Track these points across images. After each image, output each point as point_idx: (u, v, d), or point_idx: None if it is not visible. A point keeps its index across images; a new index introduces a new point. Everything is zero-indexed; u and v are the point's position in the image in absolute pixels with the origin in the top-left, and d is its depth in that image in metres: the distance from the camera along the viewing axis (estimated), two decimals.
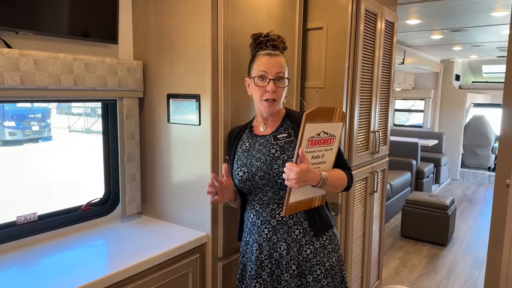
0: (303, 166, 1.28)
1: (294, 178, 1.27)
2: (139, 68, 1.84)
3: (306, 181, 1.31)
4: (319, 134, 1.35)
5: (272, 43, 1.50)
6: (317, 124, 1.32)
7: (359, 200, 2.44)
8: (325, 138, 1.38)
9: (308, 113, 1.27)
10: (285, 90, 1.51)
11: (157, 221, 1.93)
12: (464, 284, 3.42)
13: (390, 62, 2.66)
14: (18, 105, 6.70)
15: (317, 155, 1.38)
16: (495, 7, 3.16)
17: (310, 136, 1.32)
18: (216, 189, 1.42)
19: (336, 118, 1.39)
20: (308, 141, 1.32)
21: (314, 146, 1.35)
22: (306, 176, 1.29)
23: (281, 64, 1.48)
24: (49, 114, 7.41)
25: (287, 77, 1.50)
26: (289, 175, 1.28)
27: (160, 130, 1.87)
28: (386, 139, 2.74)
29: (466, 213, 5.52)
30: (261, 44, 1.50)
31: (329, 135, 1.39)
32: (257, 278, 1.49)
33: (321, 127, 1.34)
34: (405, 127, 8.02)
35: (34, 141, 7.00)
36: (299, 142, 1.29)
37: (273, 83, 1.45)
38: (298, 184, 1.28)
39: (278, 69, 1.46)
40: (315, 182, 1.34)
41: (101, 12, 1.72)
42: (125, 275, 1.43)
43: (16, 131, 6.69)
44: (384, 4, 2.45)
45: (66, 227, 1.75)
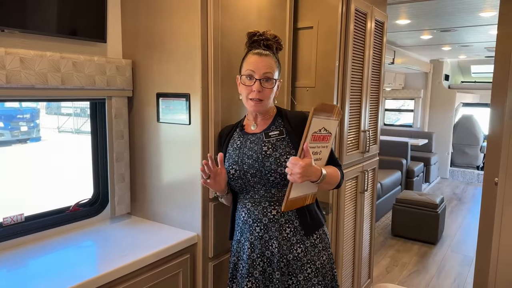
0: (307, 161, 1.28)
1: (298, 172, 1.25)
2: (128, 67, 1.82)
3: (308, 176, 1.30)
4: (320, 130, 1.36)
5: (266, 43, 1.49)
6: (320, 119, 1.33)
7: (349, 199, 2.45)
8: (324, 135, 1.39)
9: (316, 107, 1.28)
10: (273, 91, 1.50)
11: (147, 222, 1.91)
12: (454, 281, 3.45)
13: (380, 62, 2.67)
14: (6, 105, 6.61)
15: (316, 151, 1.38)
16: (483, 7, 3.20)
17: (314, 131, 1.32)
18: (209, 172, 1.42)
19: (335, 115, 1.40)
20: (312, 136, 1.32)
21: (315, 142, 1.36)
22: (309, 171, 1.29)
23: (270, 65, 1.47)
24: (38, 115, 7.31)
25: (276, 78, 1.49)
26: (293, 169, 1.27)
27: (150, 130, 1.85)
28: (376, 139, 2.75)
29: (455, 211, 5.58)
30: (254, 43, 1.50)
31: (327, 132, 1.40)
32: (249, 277, 1.48)
33: (323, 123, 1.35)
34: (395, 126, 8.08)
35: (22, 141, 6.90)
36: (305, 136, 1.29)
37: (259, 83, 1.44)
38: (301, 178, 1.27)
39: (266, 70, 1.45)
40: (316, 177, 1.34)
41: (89, 10, 1.69)
42: (114, 276, 1.41)
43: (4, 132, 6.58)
44: (374, 4, 2.46)
45: (54, 228, 1.72)
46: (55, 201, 1.84)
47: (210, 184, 1.46)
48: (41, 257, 1.52)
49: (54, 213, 1.75)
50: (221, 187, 1.50)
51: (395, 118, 8.62)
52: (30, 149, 7.12)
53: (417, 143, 6.42)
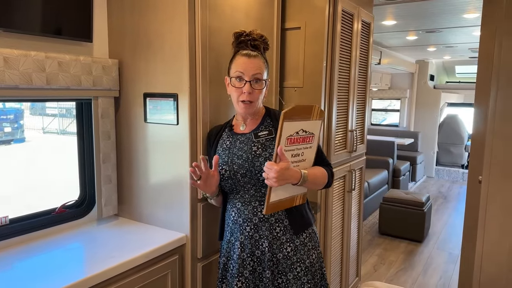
0: (283, 165, 1.29)
1: (274, 177, 1.27)
2: (115, 67, 1.80)
3: (286, 180, 1.32)
4: (297, 133, 1.35)
5: (253, 43, 1.49)
6: (295, 122, 1.32)
7: (337, 198, 2.47)
8: (304, 136, 1.39)
9: (286, 111, 1.27)
10: (263, 92, 1.50)
11: (135, 223, 1.89)
12: (440, 279, 3.51)
13: (366, 62, 2.70)
14: None
15: (297, 153, 1.39)
16: (467, 9, 3.26)
17: (289, 135, 1.32)
18: (201, 173, 1.41)
19: (315, 115, 1.39)
20: (287, 139, 1.32)
21: (293, 144, 1.36)
22: (286, 175, 1.30)
23: (259, 66, 1.47)
24: (22, 115, 7.18)
25: (265, 79, 1.49)
26: (269, 174, 1.28)
27: (137, 130, 1.84)
28: (363, 138, 2.78)
29: (441, 209, 5.66)
30: (242, 43, 1.49)
31: (308, 133, 1.40)
32: (238, 277, 1.49)
33: (299, 125, 1.35)
34: (382, 126, 8.17)
35: (6, 143, 6.76)
36: (278, 141, 1.29)
37: (249, 84, 1.44)
38: (278, 182, 1.29)
39: (255, 71, 1.45)
40: (295, 180, 1.35)
41: (74, 10, 1.67)
42: (101, 278, 1.40)
43: None
44: (361, 4, 2.48)
45: (40, 230, 1.70)
46: (40, 203, 1.82)
47: (200, 186, 1.45)
48: (27, 260, 1.50)
49: (40, 215, 1.72)
50: (212, 189, 1.49)
51: (381, 118, 8.72)
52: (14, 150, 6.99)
53: (403, 143, 6.50)
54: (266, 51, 1.55)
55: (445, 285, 3.39)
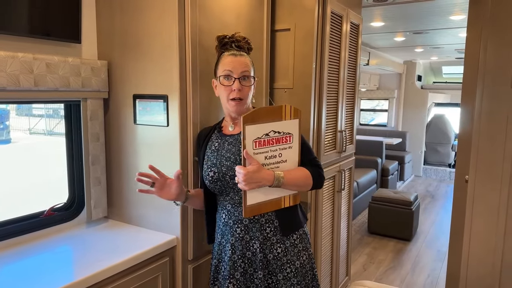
0: (250, 168, 1.29)
1: (242, 180, 1.28)
2: (104, 68, 1.79)
3: (257, 182, 1.32)
4: (267, 134, 1.35)
5: (237, 44, 1.50)
6: (261, 124, 1.32)
7: (327, 198, 2.48)
8: (278, 137, 1.39)
9: (245, 115, 1.28)
10: (252, 89, 1.51)
11: (125, 225, 1.88)
12: (428, 277, 3.56)
13: (355, 63, 2.72)
14: None
15: (273, 155, 1.39)
16: (454, 10, 3.31)
17: (256, 138, 1.32)
18: (154, 181, 1.43)
19: (288, 115, 1.39)
20: (254, 142, 1.32)
21: (264, 146, 1.36)
22: (256, 177, 1.30)
23: (246, 63, 1.48)
24: (8, 116, 7.05)
25: (253, 76, 1.50)
26: (238, 177, 1.29)
27: (127, 132, 1.83)
28: (352, 138, 2.80)
29: (429, 208, 5.74)
30: (226, 45, 1.50)
31: (283, 133, 1.40)
32: (230, 279, 1.49)
33: (268, 127, 1.35)
34: (370, 126, 8.25)
35: None
36: (243, 144, 1.30)
37: (238, 82, 1.45)
38: (247, 186, 1.29)
39: (243, 68, 1.46)
40: (267, 182, 1.34)
41: (63, 11, 1.65)
42: (90, 282, 1.39)
43: None
44: (349, 6, 2.51)
45: (28, 234, 1.68)
46: (28, 206, 1.79)
47: (153, 193, 1.46)
48: (15, 264, 1.48)
49: (28, 218, 1.70)
50: (171, 197, 1.48)
51: (370, 118, 8.79)
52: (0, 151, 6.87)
53: (391, 142, 6.57)
54: (250, 52, 1.55)
55: (433, 283, 3.44)
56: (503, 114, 1.71)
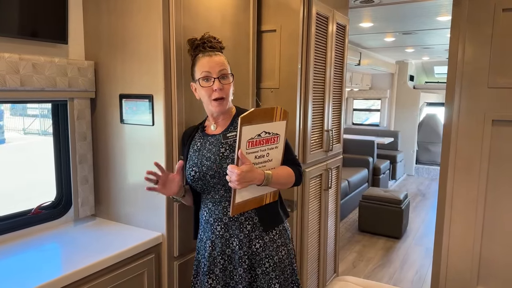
0: (244, 168, 1.32)
1: (235, 180, 1.30)
2: (90, 68, 1.82)
3: (249, 181, 1.34)
4: (259, 135, 1.38)
5: (209, 45, 1.53)
6: (255, 125, 1.35)
7: (314, 196, 2.52)
8: (267, 138, 1.42)
9: (244, 116, 1.30)
10: (232, 87, 1.54)
11: (112, 223, 1.91)
12: (416, 273, 3.61)
13: (342, 63, 2.77)
14: None
15: (261, 155, 1.42)
16: (440, 12, 3.36)
17: (250, 138, 1.35)
18: (158, 178, 1.46)
19: (278, 117, 1.42)
20: (247, 142, 1.35)
21: (256, 146, 1.39)
22: (248, 177, 1.33)
23: (223, 62, 1.51)
24: (2, 116, 7.04)
25: (231, 73, 1.53)
26: (231, 176, 1.31)
27: (113, 131, 1.86)
28: (339, 138, 2.85)
29: (419, 207, 5.80)
30: (198, 47, 1.53)
31: (272, 134, 1.43)
32: (209, 274, 1.52)
33: (261, 128, 1.37)
34: (363, 125, 8.31)
35: None
36: (238, 145, 1.32)
37: (218, 81, 1.48)
38: (240, 185, 1.31)
39: (221, 67, 1.49)
40: (258, 181, 1.38)
41: (49, 11, 1.68)
42: (78, 277, 1.42)
43: None
44: (336, 7, 2.55)
45: (16, 231, 1.70)
46: (19, 205, 1.82)
47: (158, 190, 1.49)
48: (1, 260, 1.50)
49: (16, 216, 1.72)
50: (173, 192, 1.52)
51: (364, 118, 8.85)
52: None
53: (383, 142, 6.63)
54: (222, 50, 1.58)
55: (421, 279, 3.50)
56: (480, 113, 1.76)
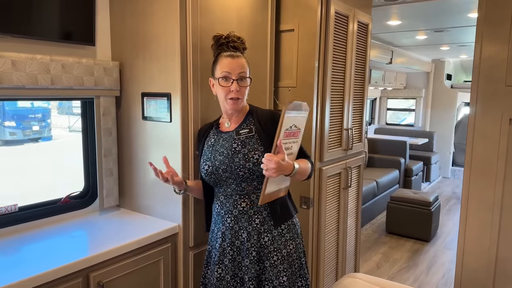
0: (281, 156, 1.37)
1: (273, 168, 1.35)
2: (116, 68, 1.95)
3: (283, 171, 1.40)
4: (291, 127, 1.44)
5: (233, 44, 1.60)
6: (292, 116, 1.41)
7: (332, 195, 2.54)
8: (294, 131, 1.48)
9: (288, 105, 1.36)
10: (248, 89, 1.61)
11: (134, 214, 2.03)
12: (443, 277, 3.52)
13: (364, 62, 2.76)
14: (18, 105, 6.79)
15: (288, 147, 1.48)
16: (471, 8, 3.26)
17: (286, 128, 1.41)
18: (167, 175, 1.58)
19: (303, 111, 1.50)
20: (284, 133, 1.41)
21: (287, 138, 1.45)
22: (283, 166, 1.39)
23: (243, 65, 1.58)
24: (49, 114, 7.48)
25: (249, 77, 1.60)
26: (268, 165, 1.36)
27: (136, 127, 1.98)
28: (361, 136, 2.84)
29: (453, 210, 5.61)
30: (222, 46, 1.60)
31: (297, 128, 1.49)
32: (219, 264, 1.60)
33: (293, 120, 1.44)
34: (397, 126, 8.10)
35: (34, 140, 7.07)
36: (278, 133, 1.37)
37: (236, 83, 1.55)
38: (276, 173, 1.37)
39: (240, 70, 1.56)
40: (289, 171, 1.44)
41: (78, 16, 1.82)
42: (100, 259, 1.55)
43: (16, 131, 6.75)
44: (357, 6, 2.55)
45: (46, 218, 1.86)
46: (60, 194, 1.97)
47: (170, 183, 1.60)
48: (33, 244, 1.65)
49: (47, 204, 1.88)
50: (183, 186, 1.66)
51: (402, 117, 8.60)
52: (42, 147, 7.32)
53: (416, 142, 6.46)
54: (245, 51, 1.65)
55: (448, 283, 3.41)
56: (497, 112, 1.72)
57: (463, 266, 1.83)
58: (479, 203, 1.79)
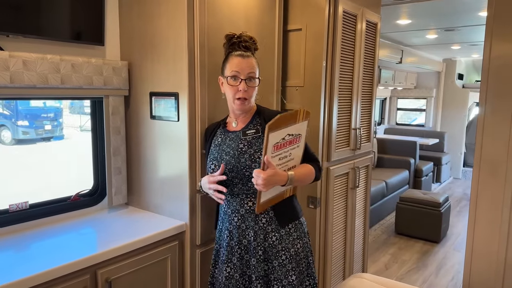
0: (269, 172, 1.39)
1: (261, 184, 1.38)
2: (124, 68, 1.97)
3: (273, 184, 1.42)
4: (283, 138, 1.43)
5: (245, 44, 1.61)
6: (280, 131, 1.40)
7: (339, 195, 2.53)
8: (291, 139, 1.47)
9: (271, 124, 1.34)
10: (256, 89, 1.62)
11: (142, 212, 2.05)
12: (452, 279, 3.48)
13: (373, 62, 2.74)
14: (31, 104, 6.89)
15: (284, 156, 1.48)
16: (481, 7, 3.22)
17: (275, 143, 1.40)
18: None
19: (300, 118, 1.47)
20: (273, 147, 1.40)
21: (280, 149, 1.44)
22: (273, 180, 1.40)
23: (253, 65, 1.59)
24: (61, 114, 7.58)
25: (258, 77, 1.61)
26: (257, 180, 1.39)
27: (144, 126, 2.00)
28: (369, 136, 2.82)
29: (464, 211, 5.54)
30: (234, 45, 1.61)
31: (295, 135, 1.48)
32: (227, 263, 1.61)
33: (285, 131, 1.42)
34: (408, 126, 8.03)
35: (46, 140, 7.17)
36: (264, 151, 1.37)
37: (244, 83, 1.56)
38: (265, 188, 1.39)
39: (250, 70, 1.57)
40: (282, 182, 1.45)
41: (88, 16, 1.85)
42: (108, 256, 1.57)
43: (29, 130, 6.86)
44: (365, 5, 2.54)
45: (56, 215, 1.89)
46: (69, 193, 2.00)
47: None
48: (43, 241, 1.68)
49: (56, 202, 1.91)
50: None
51: (413, 117, 8.51)
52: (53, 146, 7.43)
53: (426, 143, 6.39)
54: (256, 51, 1.65)
55: (457, 285, 3.37)
56: (507, 112, 1.70)
57: (471, 268, 1.81)
58: (488, 204, 1.77)
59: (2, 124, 6.61)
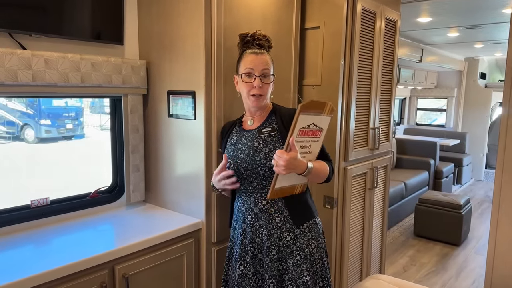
0: (292, 154, 1.38)
1: (282, 165, 1.36)
2: (143, 67, 1.99)
3: (293, 169, 1.41)
4: (309, 126, 1.44)
5: (258, 42, 1.61)
6: (309, 116, 1.40)
7: (357, 195, 2.50)
8: (314, 130, 1.47)
9: (303, 104, 1.36)
10: (271, 86, 1.61)
11: (159, 209, 2.08)
12: (473, 283, 3.40)
13: (392, 60, 2.70)
14: (53, 104, 7.07)
15: (305, 145, 1.47)
16: (506, 3, 3.12)
17: (302, 127, 1.41)
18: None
19: (326, 111, 1.48)
20: (299, 131, 1.41)
21: (303, 136, 1.44)
22: (294, 164, 1.39)
23: (267, 62, 1.58)
24: (82, 113, 7.75)
25: (273, 74, 1.60)
26: (278, 161, 1.37)
27: (162, 124, 2.02)
28: (388, 136, 2.78)
29: (486, 214, 5.40)
30: (247, 44, 1.61)
31: (318, 127, 1.48)
32: (241, 261, 1.61)
33: (312, 119, 1.43)
34: (428, 126, 7.88)
35: (68, 138, 7.33)
36: (291, 131, 1.38)
37: (259, 79, 1.56)
38: (286, 170, 1.38)
39: (264, 66, 1.57)
40: (301, 170, 1.44)
41: (108, 16, 1.88)
42: (126, 252, 1.60)
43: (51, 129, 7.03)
44: (384, 3, 2.50)
45: (75, 211, 1.92)
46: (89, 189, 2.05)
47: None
48: (63, 236, 1.72)
49: (76, 198, 1.95)
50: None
51: (433, 118, 8.34)
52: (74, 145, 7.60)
53: (447, 143, 6.26)
54: (270, 49, 1.65)
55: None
56: None
57: (493, 272, 1.76)
58: (511, 205, 1.71)
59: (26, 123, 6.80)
